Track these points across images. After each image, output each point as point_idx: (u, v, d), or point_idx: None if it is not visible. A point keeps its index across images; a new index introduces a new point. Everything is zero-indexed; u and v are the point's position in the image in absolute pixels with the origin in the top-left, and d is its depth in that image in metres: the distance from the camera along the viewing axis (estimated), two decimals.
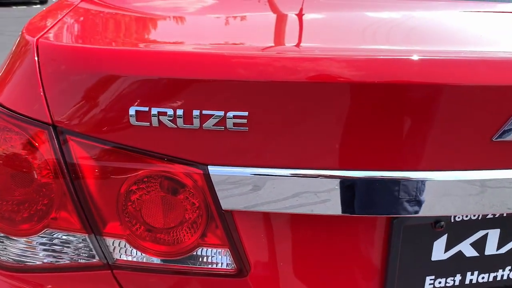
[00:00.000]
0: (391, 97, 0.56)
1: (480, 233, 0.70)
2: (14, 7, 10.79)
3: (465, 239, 0.70)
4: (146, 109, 0.56)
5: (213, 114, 0.55)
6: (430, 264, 0.70)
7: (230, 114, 0.55)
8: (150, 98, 0.56)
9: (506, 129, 0.56)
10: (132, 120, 0.57)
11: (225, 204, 0.60)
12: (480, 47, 0.65)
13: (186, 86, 0.55)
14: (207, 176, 0.59)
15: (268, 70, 0.54)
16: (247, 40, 0.68)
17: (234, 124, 0.56)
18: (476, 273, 0.73)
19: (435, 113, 0.57)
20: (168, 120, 0.56)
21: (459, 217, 0.68)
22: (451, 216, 0.67)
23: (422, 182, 0.60)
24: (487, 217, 0.69)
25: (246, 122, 0.55)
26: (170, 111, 0.56)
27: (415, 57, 0.57)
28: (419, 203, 0.62)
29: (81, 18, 0.80)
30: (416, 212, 0.63)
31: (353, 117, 0.56)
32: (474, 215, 0.69)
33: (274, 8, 0.88)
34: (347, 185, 0.60)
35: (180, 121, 0.56)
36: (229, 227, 0.63)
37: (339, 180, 0.59)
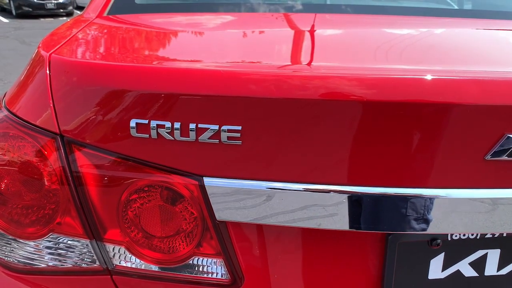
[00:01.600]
0: (383, 116, 0.56)
1: (479, 253, 0.69)
2: (42, 19, 11.30)
3: (464, 259, 0.69)
4: (146, 121, 0.59)
5: (208, 127, 0.57)
6: (427, 283, 0.69)
7: (225, 127, 0.57)
8: (150, 111, 0.59)
9: (497, 149, 0.56)
10: (133, 132, 0.60)
11: (220, 215, 0.62)
12: (474, 67, 0.65)
13: (183, 100, 0.58)
14: (202, 187, 0.61)
15: (261, 87, 0.56)
16: (244, 57, 0.70)
17: (228, 138, 0.58)
18: None
19: (430, 132, 0.58)
20: (166, 132, 0.59)
21: (456, 236, 0.67)
22: (447, 234, 0.67)
23: (416, 199, 0.61)
24: (486, 236, 0.68)
25: (239, 136, 0.57)
26: (168, 124, 0.58)
27: (407, 76, 0.58)
28: (414, 220, 0.62)
29: (93, 35, 0.84)
30: (411, 229, 0.63)
31: (344, 134, 0.57)
32: (472, 234, 0.68)
33: (275, 26, 0.90)
34: (347, 200, 0.60)
35: (177, 134, 0.59)
36: (223, 237, 0.64)
37: (335, 194, 0.60)
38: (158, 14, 1.01)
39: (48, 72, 0.65)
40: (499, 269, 0.70)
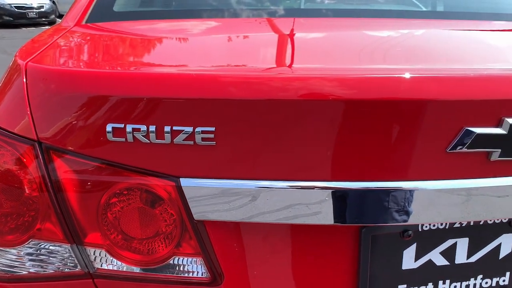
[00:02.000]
0: (350, 113, 0.59)
1: (449, 242, 0.72)
2: (23, 28, 11.12)
3: (435, 248, 0.72)
4: (122, 125, 0.61)
5: (183, 129, 0.59)
6: (401, 273, 0.72)
7: (199, 129, 0.59)
8: (125, 115, 0.60)
9: (457, 142, 0.60)
10: (109, 136, 0.61)
11: (197, 215, 0.64)
12: (435, 65, 0.69)
13: (157, 104, 0.60)
14: (179, 188, 0.63)
15: (232, 89, 0.58)
16: (215, 61, 0.72)
17: (203, 139, 0.60)
18: (448, 282, 0.74)
19: (397, 128, 0.61)
20: (141, 135, 0.60)
21: (426, 226, 0.70)
22: (418, 225, 0.70)
23: (385, 192, 0.63)
24: (455, 226, 0.71)
25: (213, 136, 0.59)
26: (143, 127, 0.60)
27: (374, 76, 0.61)
28: (385, 212, 0.65)
29: (70, 43, 0.86)
30: (382, 221, 0.65)
31: (314, 132, 0.60)
32: (442, 224, 0.71)
33: (248, 31, 0.93)
34: (324, 196, 0.63)
35: (152, 137, 0.60)
36: (202, 237, 0.66)
37: (313, 191, 0.62)
38: (135, 21, 1.03)
39: (24, 80, 0.66)
40: (468, 256, 0.73)
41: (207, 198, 0.63)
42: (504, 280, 0.76)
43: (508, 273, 0.75)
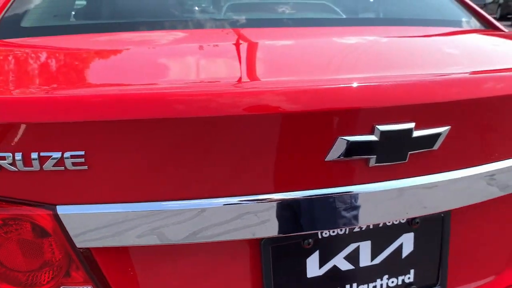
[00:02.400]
0: (222, 127, 0.58)
1: (352, 247, 0.72)
2: None
3: (338, 254, 0.72)
4: None
5: (51, 155, 0.56)
6: (307, 281, 0.72)
7: (67, 154, 0.56)
8: None
9: (333, 151, 0.60)
10: None
11: (80, 242, 0.61)
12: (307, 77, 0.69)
13: (21, 129, 0.56)
14: (56, 216, 0.59)
15: (97, 110, 0.56)
16: (93, 79, 0.69)
17: (73, 164, 0.56)
18: (354, 285, 0.75)
19: (278, 141, 0.60)
20: (8, 164, 0.57)
21: (326, 233, 0.70)
22: (317, 233, 0.70)
23: (273, 203, 0.63)
24: (355, 230, 0.72)
25: (84, 161, 0.57)
26: (8, 155, 0.56)
27: (244, 89, 0.60)
28: (277, 223, 0.64)
29: None
30: (276, 232, 0.65)
31: (181, 147, 0.58)
32: (341, 230, 0.71)
33: (147, 44, 0.90)
34: (209, 212, 0.61)
35: (20, 164, 0.56)
36: (89, 264, 0.63)
37: (195, 210, 0.61)
38: (38, 38, 0.97)
39: None
40: (372, 258, 0.74)
41: (87, 224, 0.60)
42: (409, 278, 0.77)
43: (412, 271, 0.77)
